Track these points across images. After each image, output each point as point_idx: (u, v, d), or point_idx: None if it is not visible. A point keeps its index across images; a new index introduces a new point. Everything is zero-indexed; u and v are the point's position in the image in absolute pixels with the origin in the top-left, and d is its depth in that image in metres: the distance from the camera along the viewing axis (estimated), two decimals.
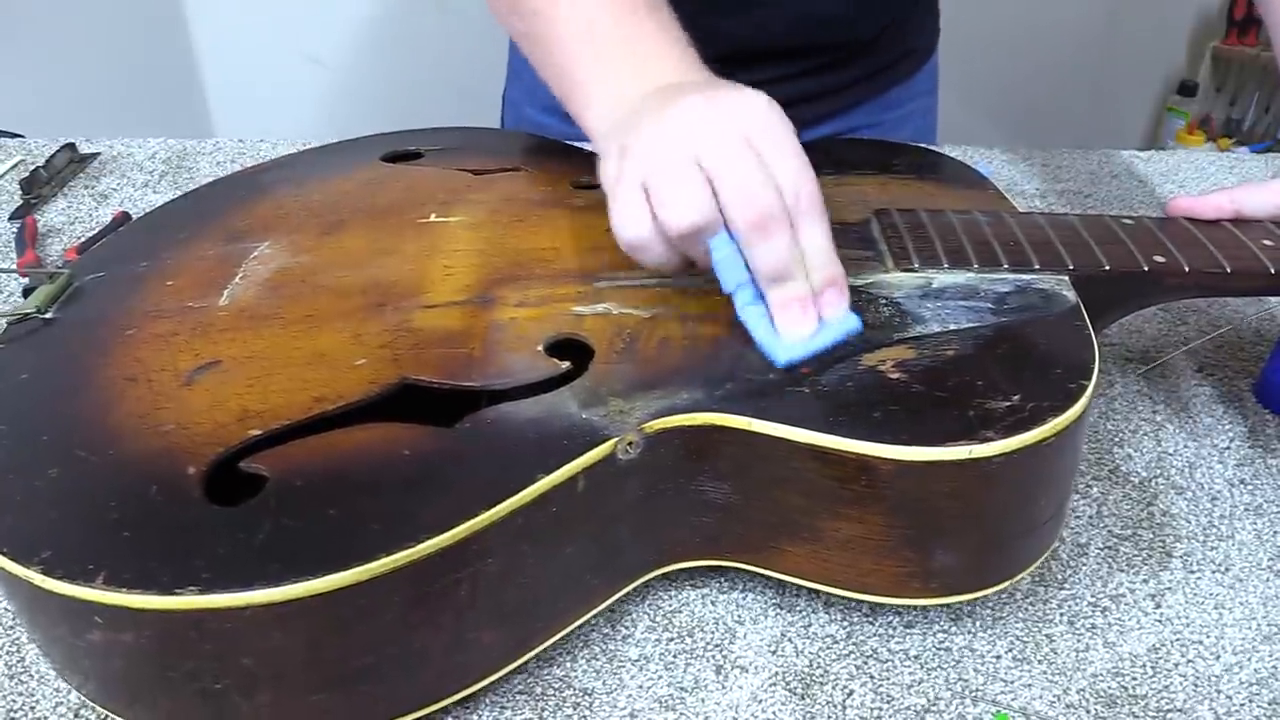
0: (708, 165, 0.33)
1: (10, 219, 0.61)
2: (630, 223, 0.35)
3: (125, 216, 0.60)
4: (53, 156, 0.65)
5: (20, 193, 0.62)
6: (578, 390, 0.33)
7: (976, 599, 0.37)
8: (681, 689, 0.34)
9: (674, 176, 0.34)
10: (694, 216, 0.33)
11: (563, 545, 0.32)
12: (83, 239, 0.58)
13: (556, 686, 0.34)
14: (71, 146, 0.67)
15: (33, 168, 0.64)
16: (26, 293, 0.51)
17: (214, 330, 0.37)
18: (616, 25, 0.40)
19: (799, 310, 0.34)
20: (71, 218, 0.61)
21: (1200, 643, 0.36)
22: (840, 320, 0.35)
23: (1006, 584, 0.36)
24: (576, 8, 0.41)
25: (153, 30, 1.44)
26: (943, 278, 0.39)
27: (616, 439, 0.31)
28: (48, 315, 0.39)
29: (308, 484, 0.30)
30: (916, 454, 0.31)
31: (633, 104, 0.37)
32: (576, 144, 0.50)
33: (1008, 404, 0.32)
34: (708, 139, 0.34)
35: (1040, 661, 0.36)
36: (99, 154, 0.68)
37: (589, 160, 0.42)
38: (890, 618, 0.37)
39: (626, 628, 0.36)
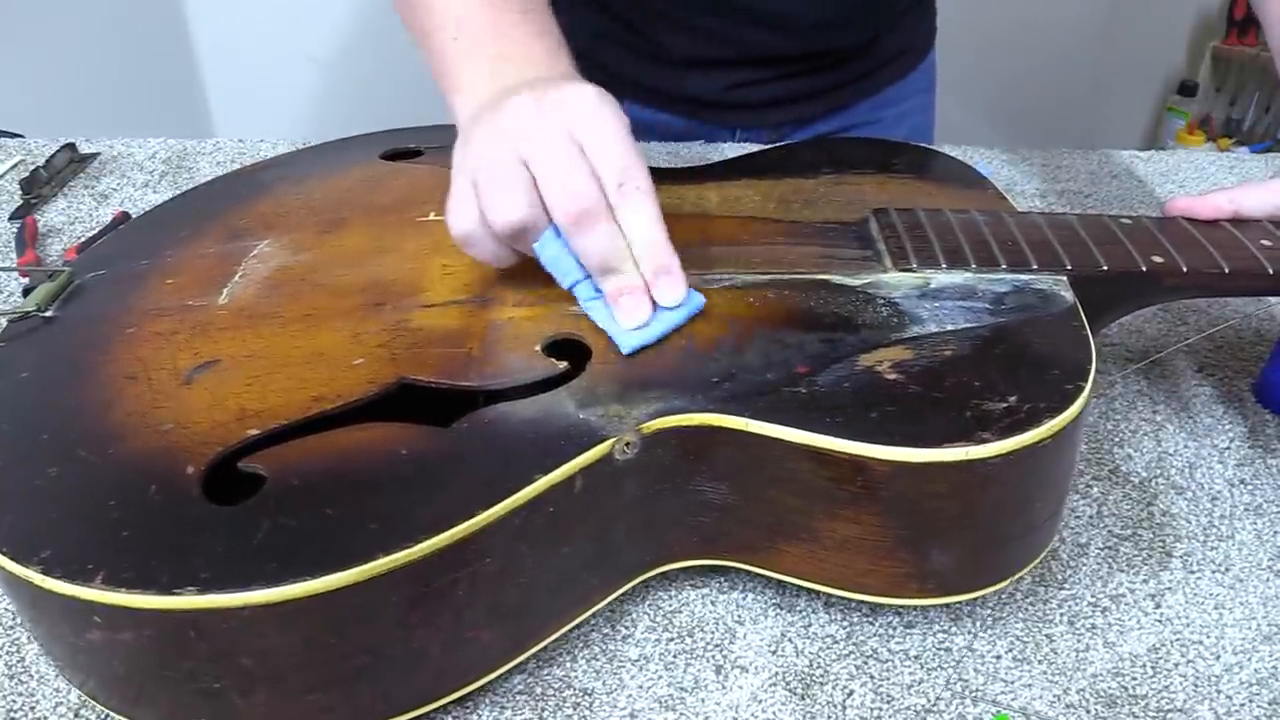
0: (531, 164, 0.34)
1: (10, 219, 0.61)
2: (458, 217, 0.36)
3: (125, 216, 0.60)
4: (53, 156, 0.65)
5: (20, 193, 0.62)
6: (575, 390, 0.33)
7: (973, 599, 0.37)
8: (681, 689, 0.34)
9: (498, 177, 0.34)
10: (515, 215, 0.34)
11: (560, 545, 0.32)
12: (83, 239, 0.58)
13: (556, 686, 0.34)
14: (71, 146, 0.67)
15: (33, 168, 0.64)
16: (26, 292, 0.51)
17: (213, 329, 0.37)
18: (486, 19, 0.41)
19: (630, 300, 0.35)
20: (71, 218, 0.61)
21: (1200, 643, 0.36)
22: (681, 305, 0.35)
23: (1003, 585, 0.36)
24: (453, 3, 0.42)
25: (153, 30, 1.44)
26: (940, 278, 0.39)
27: (614, 439, 0.31)
28: (48, 313, 0.39)
29: (306, 484, 0.30)
30: (913, 455, 0.31)
31: (492, 96, 0.38)
32: None
33: (1005, 405, 0.32)
34: (531, 138, 0.34)
35: (1040, 661, 0.36)
36: (99, 154, 0.68)
37: None
38: (890, 618, 0.37)
39: (626, 628, 0.36)
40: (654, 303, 0.35)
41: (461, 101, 0.40)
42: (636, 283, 0.35)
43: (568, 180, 0.34)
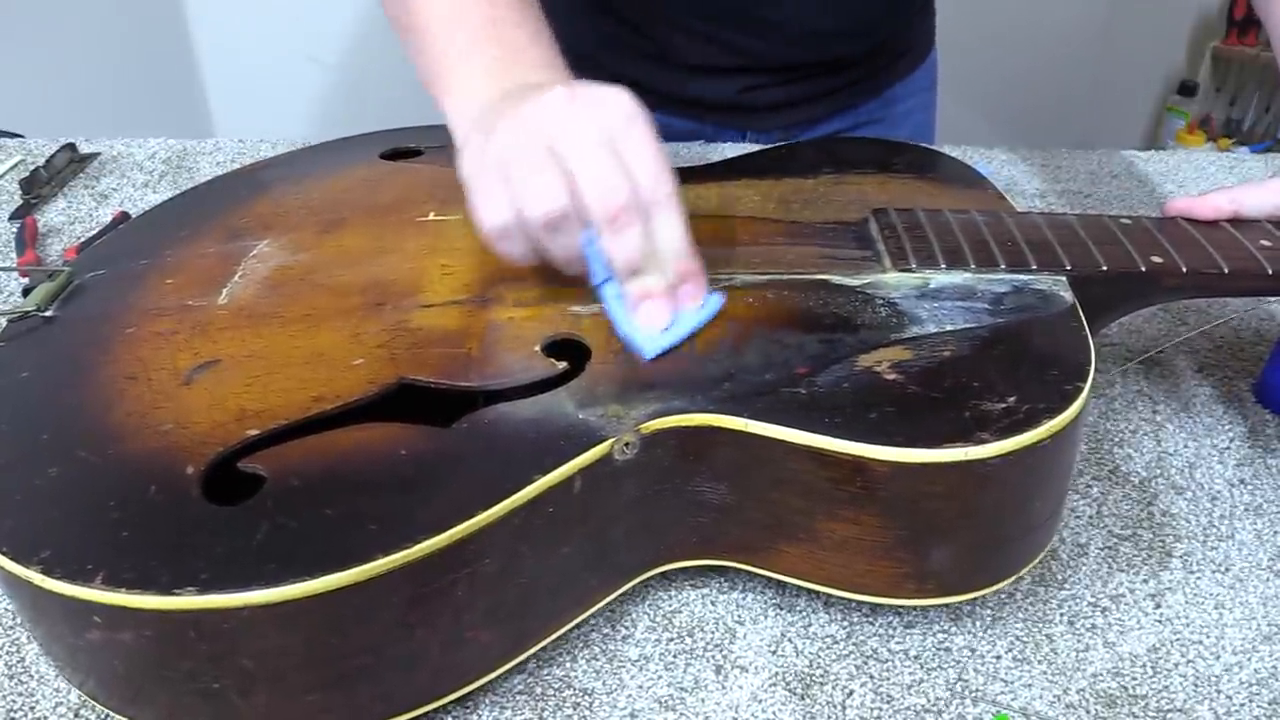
0: (566, 158, 0.34)
1: (10, 219, 0.61)
2: (488, 213, 0.35)
3: (125, 216, 0.60)
4: (53, 156, 0.65)
5: (20, 193, 0.62)
6: (575, 390, 0.33)
7: (973, 600, 0.37)
8: (681, 689, 0.34)
9: (532, 166, 0.34)
10: (549, 206, 0.34)
11: (560, 545, 0.32)
12: (83, 239, 0.58)
13: (556, 686, 0.34)
14: (71, 146, 0.67)
15: (33, 168, 0.64)
16: (26, 293, 0.51)
17: (213, 329, 0.37)
18: (482, 19, 0.41)
19: (653, 303, 0.35)
20: (71, 218, 0.61)
21: (1200, 643, 0.36)
22: (699, 310, 0.36)
23: (1002, 585, 0.36)
24: (447, 6, 0.41)
25: (153, 30, 1.44)
26: (940, 278, 0.39)
27: (613, 439, 0.31)
28: (48, 313, 0.39)
29: (305, 484, 0.30)
30: (912, 456, 0.31)
31: (492, 98, 0.37)
32: None
33: (1004, 406, 0.32)
34: (566, 132, 0.34)
35: (1040, 661, 0.36)
36: (99, 154, 0.68)
37: None
38: (890, 618, 0.37)
39: (626, 628, 0.36)
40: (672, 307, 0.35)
41: (458, 102, 0.39)
42: (660, 287, 0.35)
43: (603, 178, 0.34)
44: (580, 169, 0.34)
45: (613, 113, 0.35)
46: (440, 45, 0.41)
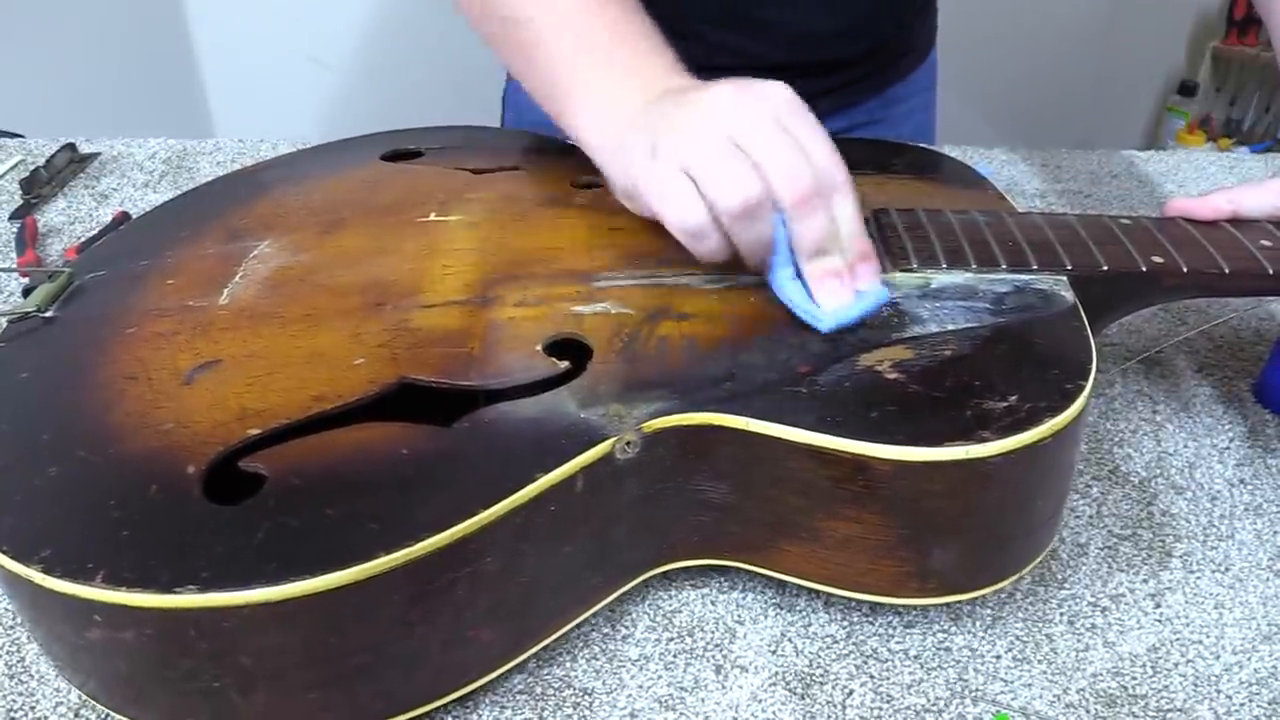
0: (748, 147, 0.35)
1: (10, 219, 0.61)
2: (687, 211, 0.36)
3: (125, 216, 0.60)
4: (53, 156, 0.65)
5: (20, 193, 0.62)
6: (576, 390, 0.33)
7: (973, 599, 0.37)
8: (681, 689, 0.34)
9: (719, 159, 0.35)
10: (747, 193, 0.35)
11: (561, 544, 0.32)
12: (83, 239, 0.58)
13: (556, 686, 0.34)
14: (71, 146, 0.67)
15: (33, 168, 0.64)
16: (26, 293, 0.51)
17: (214, 329, 0.37)
18: (607, 32, 0.41)
19: (837, 282, 0.36)
20: (71, 218, 0.61)
21: (1200, 643, 0.36)
22: (874, 291, 0.37)
23: (1003, 584, 0.36)
24: (564, 19, 0.42)
25: (153, 30, 1.44)
26: (941, 278, 0.39)
27: (615, 438, 0.31)
28: (48, 314, 0.39)
29: (306, 483, 0.30)
30: (913, 454, 0.31)
31: (635, 108, 0.38)
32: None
33: (1005, 405, 0.32)
34: (743, 122, 0.35)
35: (1040, 661, 0.36)
36: (99, 154, 0.68)
37: (589, 159, 0.42)
38: (890, 618, 0.37)
39: (626, 628, 0.36)
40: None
41: (595, 115, 0.40)
42: (841, 266, 0.36)
43: (790, 164, 0.35)
44: (765, 157, 0.35)
45: (781, 102, 0.36)
46: (564, 60, 0.41)
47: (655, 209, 0.37)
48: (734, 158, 0.35)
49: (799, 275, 0.37)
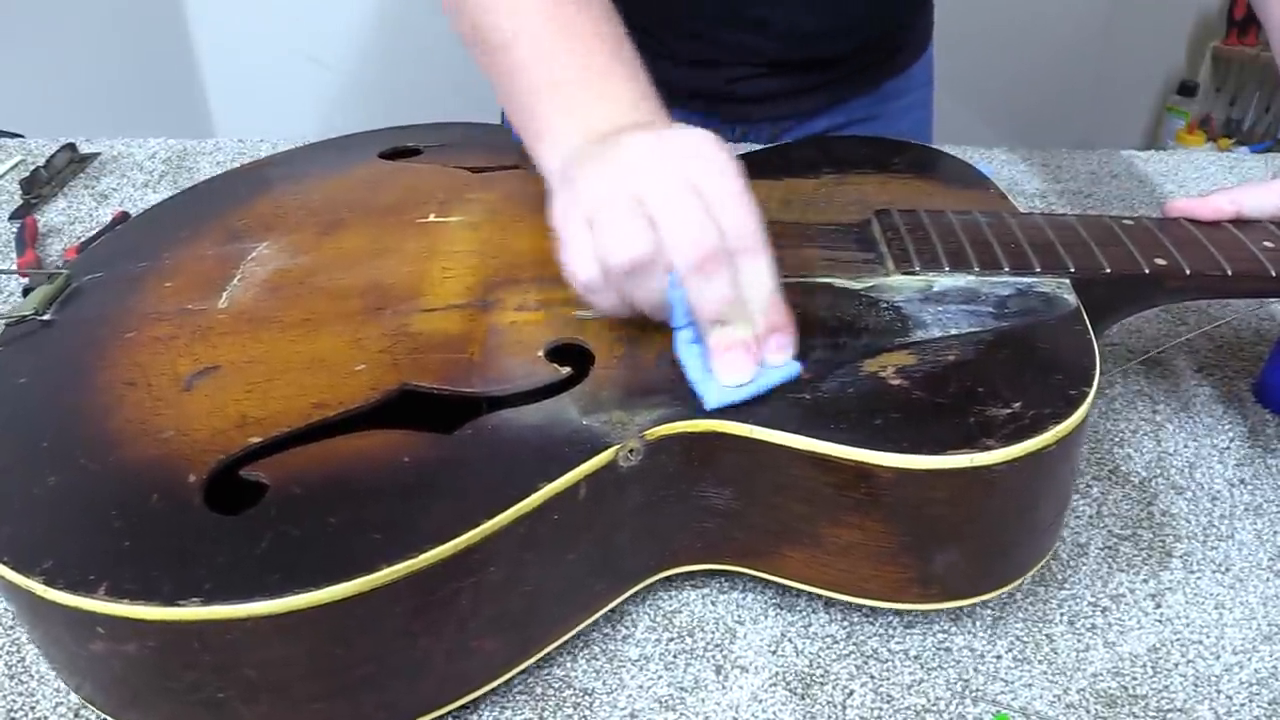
0: (650, 204, 0.33)
1: (10, 219, 0.61)
2: (578, 265, 0.34)
3: (125, 216, 0.59)
4: (53, 156, 0.65)
5: (20, 193, 0.62)
6: (578, 396, 0.33)
7: (975, 604, 0.37)
8: (681, 689, 0.34)
9: (616, 214, 0.33)
10: (632, 252, 0.33)
11: (565, 552, 0.32)
12: (83, 239, 0.58)
13: (556, 686, 0.34)
14: (71, 146, 0.67)
15: (33, 168, 0.64)
16: (26, 293, 0.51)
17: (213, 334, 0.37)
18: (578, 62, 0.40)
19: (737, 355, 0.33)
20: (71, 218, 0.61)
21: (1200, 643, 0.36)
22: (782, 367, 0.34)
23: (1005, 589, 0.36)
24: (539, 43, 0.40)
25: (153, 30, 1.44)
26: (944, 281, 0.39)
27: (618, 446, 0.31)
28: (46, 317, 0.39)
29: (308, 492, 0.30)
30: (917, 462, 0.31)
31: (585, 142, 0.37)
32: None
33: (1009, 411, 0.32)
34: (650, 178, 0.33)
35: (1040, 661, 0.36)
36: (99, 154, 0.68)
37: None
38: (890, 618, 0.37)
39: (626, 628, 0.36)
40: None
41: (547, 148, 0.39)
42: (746, 337, 0.34)
43: (689, 225, 0.33)
44: (664, 216, 0.33)
45: (699, 158, 0.34)
46: (532, 91, 0.40)
47: (562, 258, 0.35)
48: (631, 217, 0.33)
49: (700, 340, 0.34)
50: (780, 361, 0.34)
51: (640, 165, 0.34)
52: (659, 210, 0.33)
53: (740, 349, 0.34)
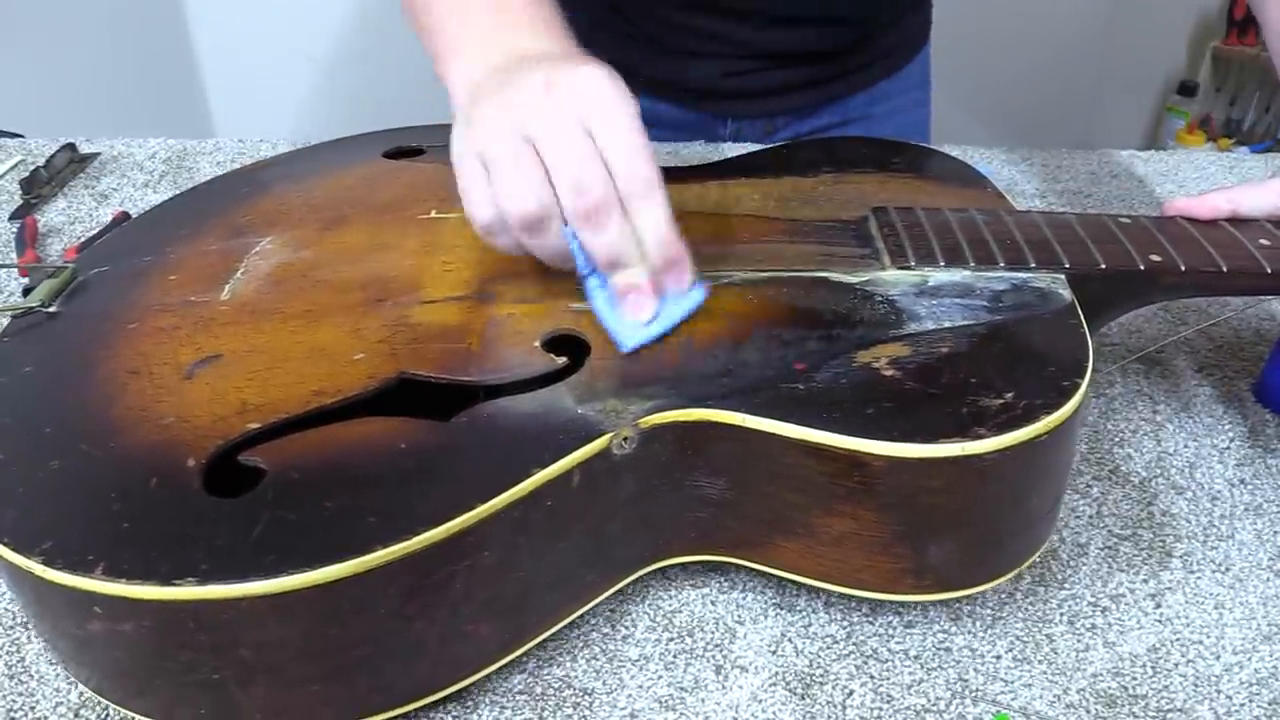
0: (541, 148, 0.33)
1: (10, 219, 0.61)
2: (477, 208, 0.34)
3: (125, 216, 0.60)
4: (53, 156, 0.65)
5: (20, 193, 0.62)
6: (574, 385, 0.34)
7: (970, 595, 0.37)
8: (681, 689, 0.34)
9: (509, 159, 0.33)
10: (527, 205, 0.33)
11: (558, 539, 0.32)
12: (83, 239, 0.58)
13: (556, 686, 0.34)
14: (71, 146, 0.67)
15: (33, 168, 0.64)
16: (26, 293, 0.51)
17: (215, 324, 0.37)
18: (490, 4, 0.40)
19: (636, 296, 0.34)
20: (71, 218, 0.61)
21: (1200, 643, 0.36)
22: (683, 297, 0.35)
23: (1000, 581, 0.36)
24: None
25: (153, 30, 1.44)
26: (939, 276, 0.39)
27: (612, 434, 0.31)
28: (51, 309, 0.39)
29: (305, 477, 0.30)
30: (909, 451, 0.31)
31: (485, 73, 0.36)
32: None
33: (1001, 401, 0.32)
34: (543, 120, 0.33)
35: (1040, 661, 0.36)
36: (99, 154, 0.68)
37: None
38: (890, 618, 0.37)
39: (626, 628, 0.36)
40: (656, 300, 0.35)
41: (458, 72, 0.38)
42: (643, 279, 0.34)
43: (580, 173, 0.32)
44: (554, 162, 0.33)
45: (591, 99, 0.33)
46: (442, 18, 0.40)
47: (459, 193, 0.35)
48: (523, 161, 0.33)
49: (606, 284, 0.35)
50: (682, 290, 0.35)
51: (533, 105, 0.33)
52: (549, 156, 0.33)
53: (639, 290, 0.34)
